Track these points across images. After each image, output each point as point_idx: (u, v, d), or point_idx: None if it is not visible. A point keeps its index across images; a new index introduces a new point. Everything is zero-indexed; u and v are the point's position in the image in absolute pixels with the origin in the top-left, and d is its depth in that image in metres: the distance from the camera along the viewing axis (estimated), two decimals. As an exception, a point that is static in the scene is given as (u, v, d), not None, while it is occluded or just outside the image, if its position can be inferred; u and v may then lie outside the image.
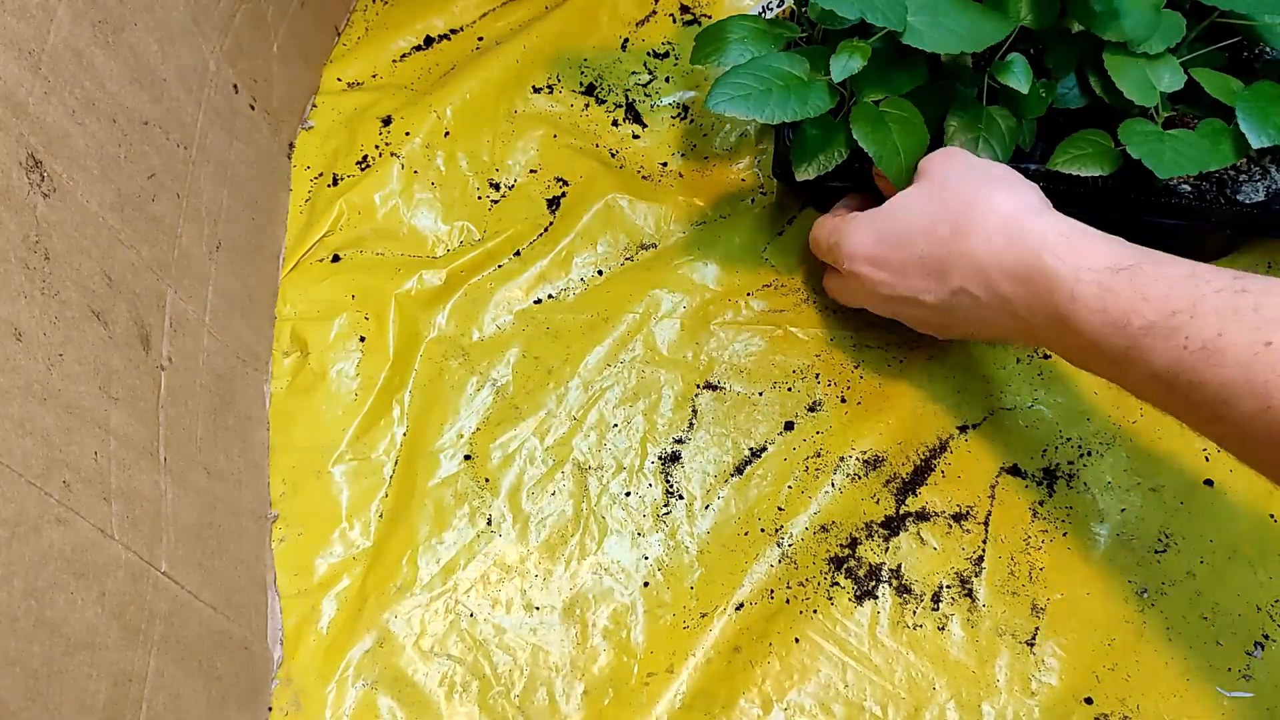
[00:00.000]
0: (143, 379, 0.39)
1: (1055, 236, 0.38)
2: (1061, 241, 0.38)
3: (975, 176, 0.42)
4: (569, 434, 0.50)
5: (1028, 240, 0.38)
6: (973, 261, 0.40)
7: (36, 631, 0.30)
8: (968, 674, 0.44)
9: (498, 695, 0.44)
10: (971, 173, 0.42)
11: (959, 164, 0.43)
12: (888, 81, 0.45)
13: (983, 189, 0.41)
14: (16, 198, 0.32)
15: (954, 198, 0.41)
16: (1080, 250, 0.37)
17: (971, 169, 0.42)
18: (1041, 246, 0.38)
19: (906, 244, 0.43)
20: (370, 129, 0.58)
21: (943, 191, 0.42)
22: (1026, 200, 0.40)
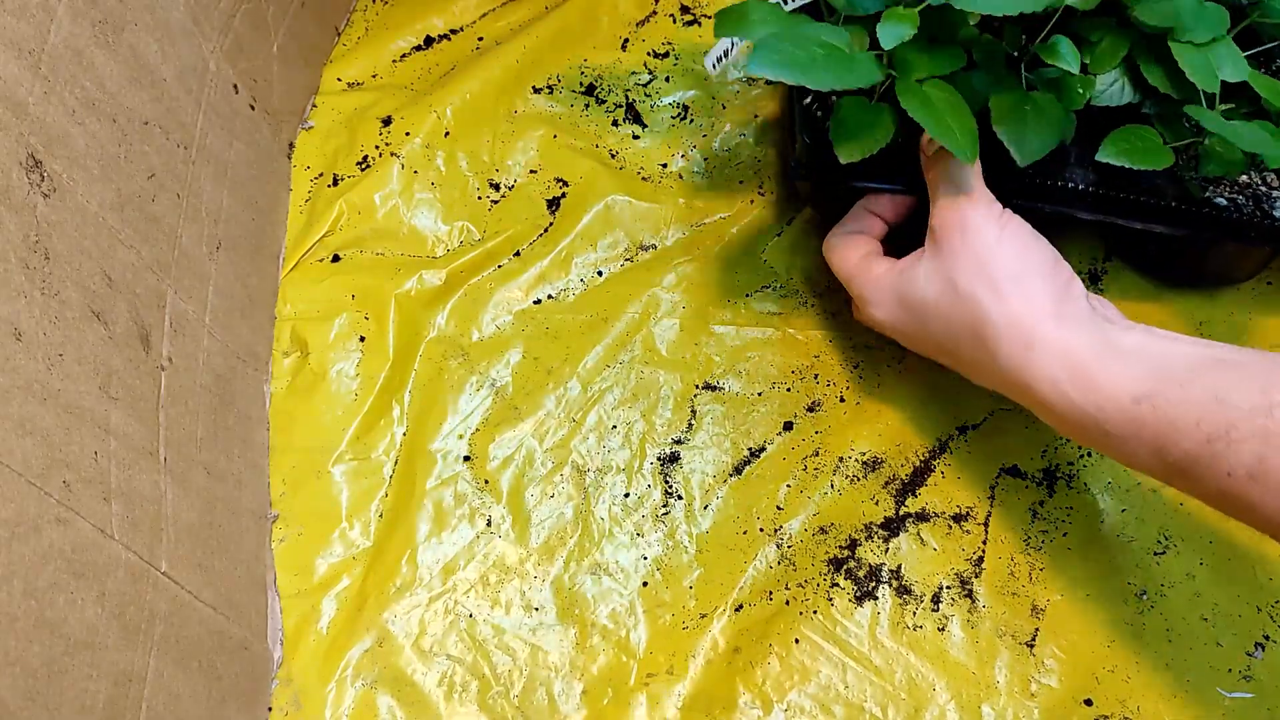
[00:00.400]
0: (143, 379, 0.39)
1: (1066, 368, 0.36)
2: (1075, 373, 0.35)
3: (994, 271, 0.38)
4: (568, 434, 0.50)
5: (1043, 365, 0.36)
6: (995, 372, 0.38)
7: (36, 631, 0.30)
8: (968, 675, 0.44)
9: (497, 695, 0.44)
10: (990, 264, 0.38)
11: (977, 246, 0.39)
12: (925, 62, 0.42)
13: (1000, 290, 0.38)
14: (16, 198, 0.32)
15: (970, 298, 0.38)
16: (1094, 383, 0.35)
17: (990, 256, 0.38)
18: (1057, 378, 0.36)
19: (927, 326, 0.41)
20: (370, 129, 0.58)
21: (958, 281, 0.39)
22: (1046, 301, 0.37)
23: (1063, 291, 0.38)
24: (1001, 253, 0.38)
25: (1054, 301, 0.37)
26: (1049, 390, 0.36)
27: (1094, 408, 0.35)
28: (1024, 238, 0.39)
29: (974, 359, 0.39)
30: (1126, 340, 0.36)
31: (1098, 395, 0.35)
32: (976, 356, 0.39)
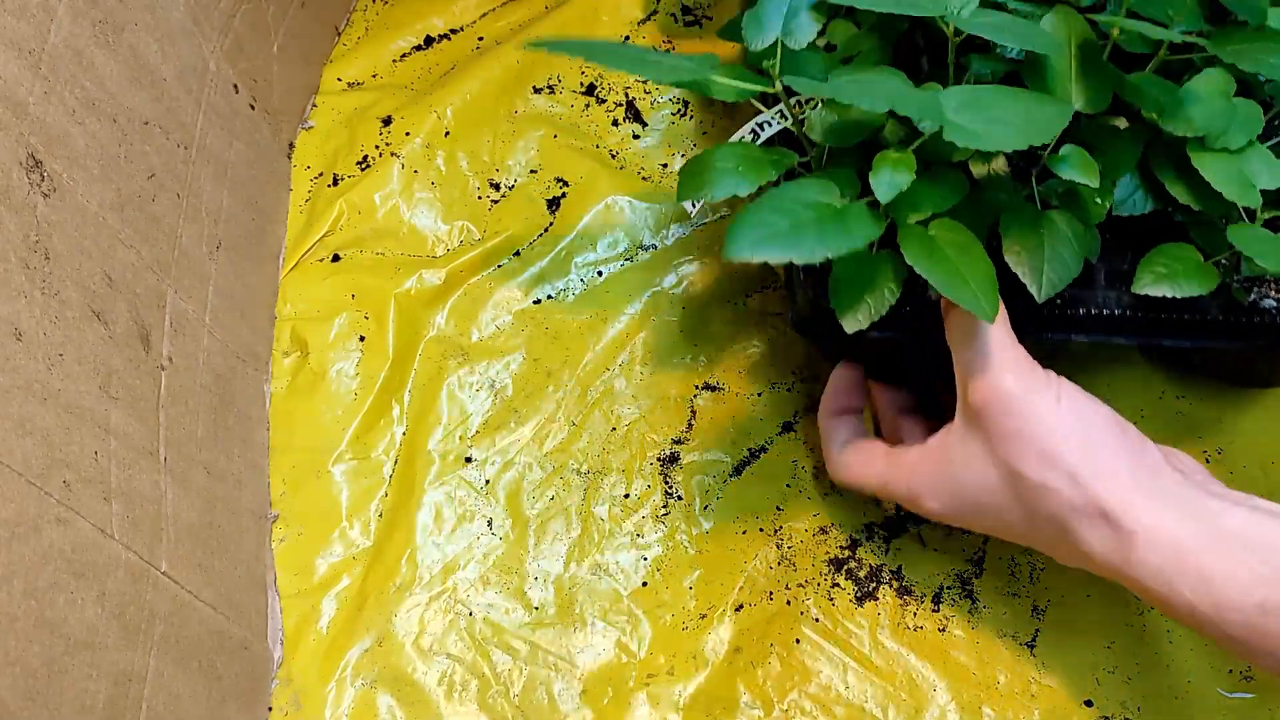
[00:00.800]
0: (143, 379, 0.39)
1: (1174, 561, 0.32)
2: (1185, 568, 0.32)
3: (1061, 454, 0.34)
4: (569, 435, 0.50)
5: (1146, 560, 0.32)
6: (1087, 560, 0.35)
7: (36, 631, 0.30)
8: (968, 676, 0.44)
9: (497, 695, 0.44)
10: (1054, 448, 0.34)
11: (1033, 427, 0.34)
12: (925, 199, 0.36)
13: (1076, 475, 0.33)
14: (16, 198, 0.32)
15: (1041, 489, 0.34)
16: (1210, 582, 0.31)
17: (1051, 438, 0.34)
18: (1165, 572, 0.32)
19: (1000, 517, 0.36)
20: (370, 129, 0.58)
21: (1023, 471, 0.34)
22: (1128, 478, 0.33)
23: (1140, 460, 0.34)
24: (1063, 430, 0.34)
25: (1136, 476, 0.33)
26: (1157, 585, 0.32)
27: (1212, 609, 0.31)
28: (1080, 405, 0.34)
29: (1059, 548, 0.36)
30: (1232, 521, 0.32)
31: (1216, 596, 0.31)
32: (1062, 546, 0.35)
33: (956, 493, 0.37)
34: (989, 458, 0.35)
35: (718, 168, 0.38)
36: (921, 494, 0.38)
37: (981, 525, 0.38)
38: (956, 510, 0.37)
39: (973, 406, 0.35)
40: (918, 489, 0.38)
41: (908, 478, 0.39)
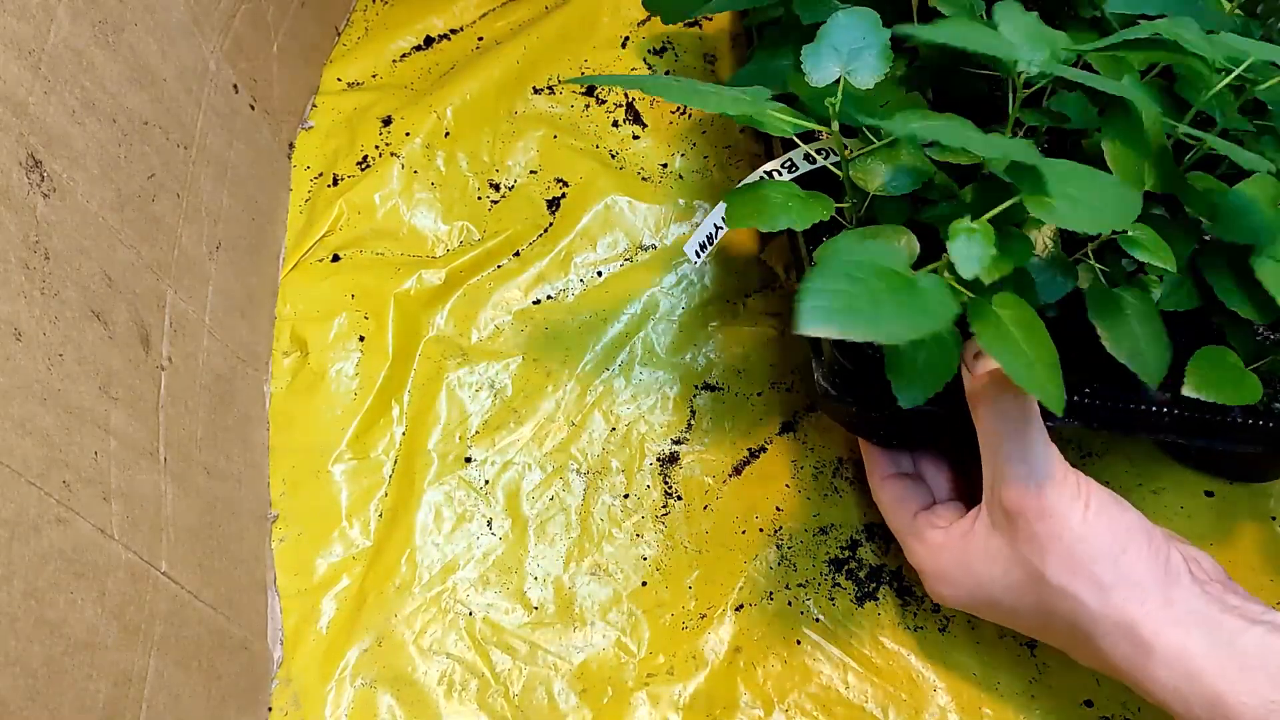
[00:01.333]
0: (143, 379, 0.39)
1: (1188, 680, 0.32)
2: (1199, 689, 0.32)
3: (1089, 562, 0.34)
4: (568, 435, 0.50)
5: (1163, 676, 0.33)
6: (1102, 665, 0.35)
7: (36, 631, 0.30)
8: (968, 676, 0.44)
9: (496, 694, 0.44)
10: (1083, 555, 0.34)
11: (1063, 533, 0.34)
12: (994, 261, 0.33)
13: (1100, 583, 0.34)
14: (16, 198, 0.32)
15: (1063, 594, 0.34)
16: (1224, 706, 0.32)
17: (1080, 545, 0.34)
18: (1180, 690, 0.33)
19: (1015, 615, 0.37)
20: (370, 129, 0.58)
21: (1046, 574, 0.34)
22: (1153, 589, 0.33)
23: (1164, 570, 0.34)
24: (1091, 540, 0.34)
25: (1161, 588, 0.33)
26: (1174, 701, 0.33)
27: (1260, 710, 0.31)
28: (1111, 512, 0.34)
29: (1074, 649, 0.36)
30: (1247, 641, 0.32)
31: (1229, 718, 0.32)
32: (1077, 648, 0.36)
33: (974, 585, 0.37)
34: (1013, 558, 0.35)
35: (772, 201, 0.36)
36: (939, 579, 0.39)
37: (994, 617, 0.38)
38: (970, 601, 0.38)
39: (1004, 507, 0.35)
40: (936, 572, 0.39)
41: (928, 556, 0.39)
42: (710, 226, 0.45)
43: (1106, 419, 0.38)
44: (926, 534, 0.39)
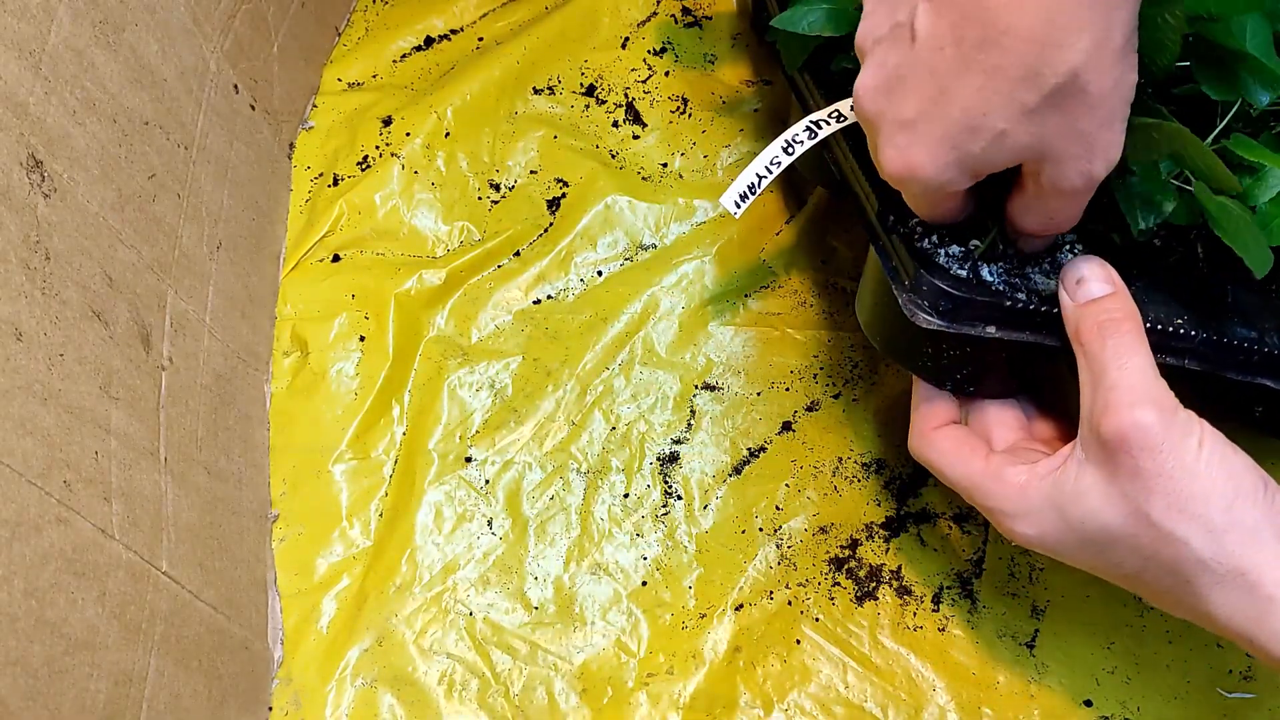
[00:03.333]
0: (143, 379, 0.39)
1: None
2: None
3: (1200, 504, 0.31)
4: (568, 435, 0.50)
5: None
6: (1204, 616, 0.33)
7: (37, 631, 0.30)
8: (968, 676, 0.44)
9: (496, 694, 0.44)
10: (1194, 495, 0.31)
11: (1173, 470, 0.32)
12: None
13: (1214, 528, 0.31)
14: (17, 198, 0.32)
15: (1170, 537, 0.32)
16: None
17: (1192, 484, 0.31)
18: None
19: (1106, 555, 0.34)
20: (370, 129, 0.58)
21: (1152, 513, 0.32)
22: (1270, 538, 0.31)
23: (1278, 519, 0.31)
24: (1204, 479, 0.31)
25: (1277, 538, 0.31)
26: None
27: None
28: (1224, 453, 0.32)
29: (1172, 597, 0.33)
30: None
31: None
32: (1176, 595, 0.33)
33: (1064, 524, 0.34)
34: (1112, 494, 0.32)
35: None
36: (1019, 516, 0.35)
37: (1080, 560, 0.35)
38: (1056, 541, 0.34)
39: (1105, 437, 0.32)
40: (1016, 510, 0.35)
41: (1006, 495, 0.35)
42: (752, 175, 0.43)
43: (1199, 354, 0.36)
44: (1006, 472, 0.36)
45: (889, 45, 0.31)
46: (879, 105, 0.32)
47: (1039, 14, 0.27)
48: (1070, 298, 0.34)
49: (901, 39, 0.31)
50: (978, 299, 0.35)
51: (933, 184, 0.32)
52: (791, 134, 0.42)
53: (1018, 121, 0.29)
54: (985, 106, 0.29)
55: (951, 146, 0.30)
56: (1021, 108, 0.29)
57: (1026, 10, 0.27)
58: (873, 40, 0.32)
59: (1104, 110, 0.29)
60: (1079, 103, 0.29)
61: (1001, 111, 0.29)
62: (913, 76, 0.30)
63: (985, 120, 0.29)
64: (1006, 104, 0.29)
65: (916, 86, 0.30)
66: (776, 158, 0.43)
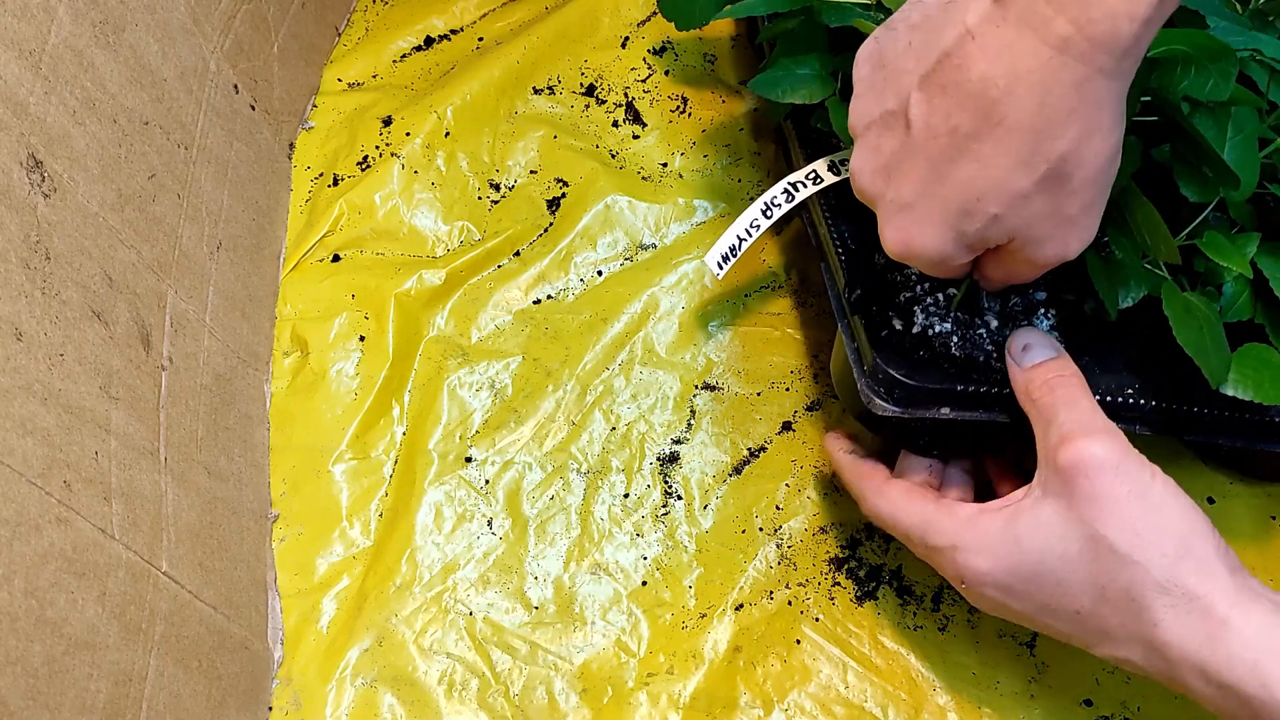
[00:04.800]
0: (143, 379, 0.39)
1: (1275, 660, 0.30)
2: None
3: (1157, 532, 0.32)
4: (568, 435, 0.50)
5: (1242, 654, 0.31)
6: (1151, 648, 0.32)
7: (37, 631, 0.30)
8: (968, 676, 0.44)
9: (497, 694, 0.44)
10: (1151, 525, 0.32)
11: (1130, 500, 0.33)
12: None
13: (1171, 555, 0.32)
14: (17, 198, 0.32)
15: (1127, 562, 0.32)
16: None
17: (1149, 514, 0.33)
18: (1264, 670, 0.30)
19: (1043, 584, 0.34)
20: (370, 129, 0.58)
21: (1112, 540, 0.32)
22: (1223, 571, 0.32)
23: (1228, 555, 0.33)
24: (1162, 508, 0.33)
25: (1229, 571, 0.32)
26: (1249, 680, 0.30)
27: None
28: (1176, 491, 0.33)
29: (1124, 631, 0.33)
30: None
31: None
32: (1128, 628, 0.33)
33: (1019, 556, 0.34)
34: (1071, 519, 0.33)
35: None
36: (972, 550, 0.35)
37: (1031, 598, 0.35)
38: (1008, 574, 0.35)
39: (1062, 465, 0.33)
40: (970, 544, 0.36)
41: (960, 530, 0.36)
42: (733, 237, 0.46)
43: (1160, 421, 0.38)
44: (959, 507, 0.37)
45: (881, 131, 0.33)
46: (878, 188, 0.34)
47: (1031, 104, 0.28)
48: (1017, 363, 0.37)
49: (894, 125, 0.32)
50: (930, 386, 0.37)
51: (933, 260, 0.33)
52: (770, 196, 0.45)
53: (1010, 205, 0.30)
54: (979, 191, 0.30)
55: (949, 227, 0.32)
56: (1014, 193, 0.30)
57: (1019, 101, 0.28)
58: (864, 124, 0.34)
59: (1087, 196, 0.31)
60: (1065, 188, 0.30)
61: (995, 196, 0.30)
62: (909, 162, 0.32)
63: (980, 205, 0.31)
64: (1000, 189, 0.30)
65: (912, 171, 0.32)
66: (756, 220, 0.45)
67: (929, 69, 0.30)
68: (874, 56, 0.33)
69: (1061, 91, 0.28)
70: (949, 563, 0.36)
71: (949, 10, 0.30)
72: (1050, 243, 0.32)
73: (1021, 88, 0.28)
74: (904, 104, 0.31)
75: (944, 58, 0.30)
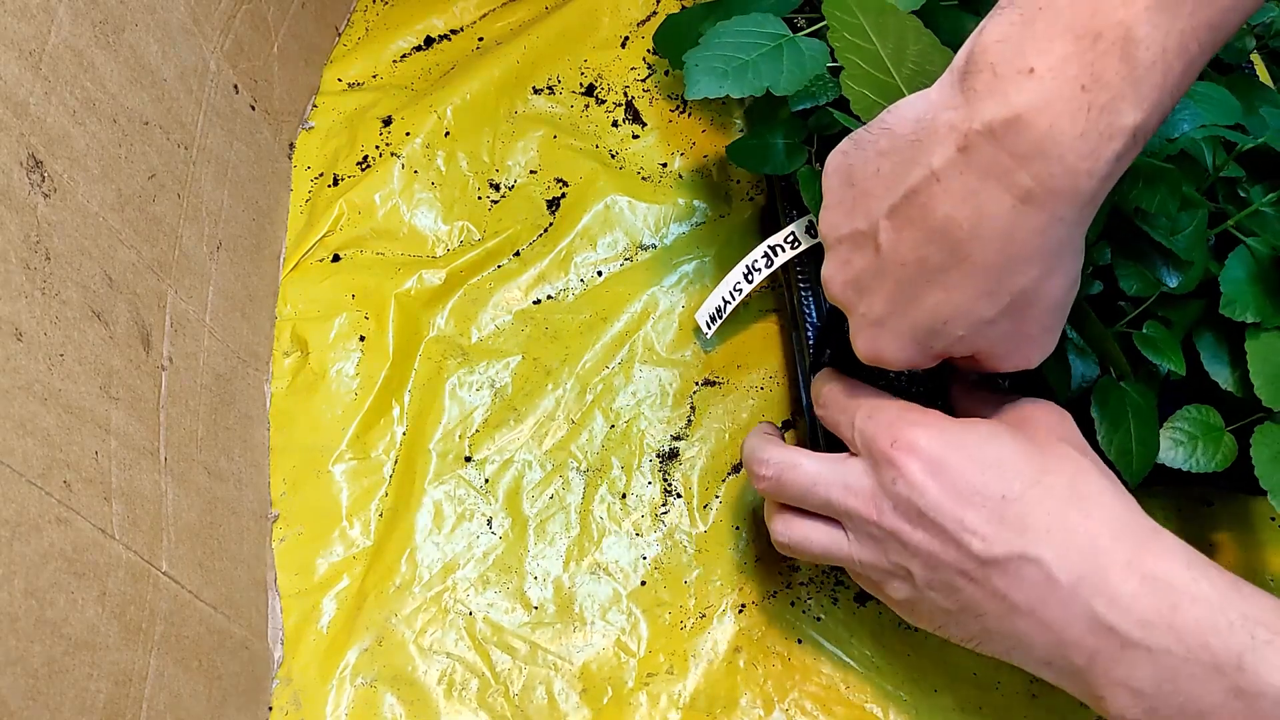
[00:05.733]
0: (143, 379, 0.39)
1: (1204, 584, 0.29)
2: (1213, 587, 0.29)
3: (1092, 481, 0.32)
4: (568, 434, 0.50)
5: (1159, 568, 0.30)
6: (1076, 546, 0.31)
7: (37, 631, 0.30)
8: (968, 676, 0.44)
9: (496, 694, 0.44)
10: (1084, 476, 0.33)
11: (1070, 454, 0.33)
12: None
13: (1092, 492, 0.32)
14: (17, 198, 0.33)
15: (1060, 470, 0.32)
16: (1236, 600, 0.29)
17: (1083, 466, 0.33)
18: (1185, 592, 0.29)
19: (992, 473, 0.32)
20: (370, 129, 0.58)
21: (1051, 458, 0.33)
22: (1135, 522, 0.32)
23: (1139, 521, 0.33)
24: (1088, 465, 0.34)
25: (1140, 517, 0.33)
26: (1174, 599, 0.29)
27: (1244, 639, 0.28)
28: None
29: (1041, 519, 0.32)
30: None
31: (1249, 616, 0.29)
32: (1050, 515, 0.32)
33: (970, 442, 0.33)
34: (1028, 443, 0.34)
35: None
36: (922, 423, 0.34)
37: (961, 476, 0.33)
38: (950, 448, 0.33)
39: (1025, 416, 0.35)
40: (922, 422, 0.34)
41: (919, 416, 0.35)
42: (719, 299, 0.49)
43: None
44: (915, 410, 0.36)
45: (852, 248, 0.34)
46: (849, 298, 0.35)
47: (995, 245, 0.30)
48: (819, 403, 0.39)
49: (864, 246, 0.33)
50: None
51: (900, 368, 0.35)
52: (751, 260, 0.47)
53: (975, 329, 0.32)
54: (946, 316, 0.32)
55: (915, 342, 0.33)
56: (979, 319, 0.31)
57: (984, 242, 0.30)
58: (836, 237, 0.35)
59: (1047, 321, 0.32)
60: (1027, 315, 0.32)
61: (961, 321, 0.32)
62: (878, 281, 0.33)
63: (946, 327, 0.32)
64: (965, 316, 0.31)
65: (882, 291, 0.33)
66: (738, 284, 0.48)
67: (896, 201, 0.31)
68: (843, 171, 0.34)
69: (1024, 237, 0.29)
70: (892, 433, 0.34)
71: (915, 149, 0.30)
72: (1013, 357, 0.33)
73: (986, 231, 0.29)
74: (874, 228, 0.32)
75: (910, 194, 0.31)
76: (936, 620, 0.35)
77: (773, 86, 0.41)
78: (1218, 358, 0.38)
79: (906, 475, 0.33)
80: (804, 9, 0.50)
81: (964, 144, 0.29)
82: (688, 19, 0.54)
